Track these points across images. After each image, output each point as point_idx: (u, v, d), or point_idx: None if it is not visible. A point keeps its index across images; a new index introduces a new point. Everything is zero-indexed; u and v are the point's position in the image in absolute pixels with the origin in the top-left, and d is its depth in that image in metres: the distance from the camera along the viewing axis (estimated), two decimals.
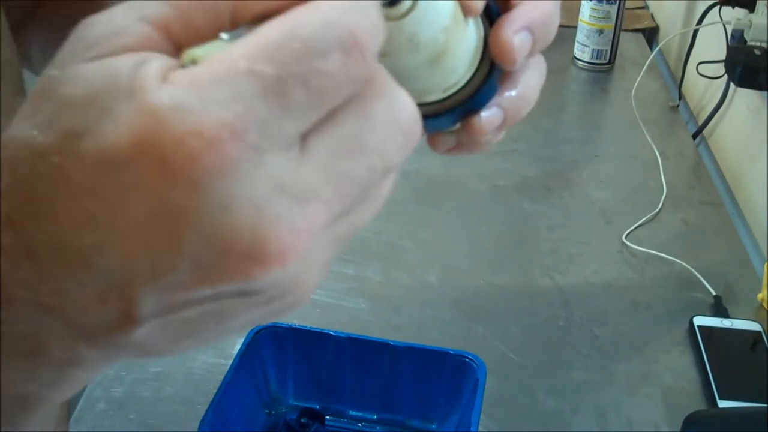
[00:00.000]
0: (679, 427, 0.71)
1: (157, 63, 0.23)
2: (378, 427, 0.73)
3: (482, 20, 0.36)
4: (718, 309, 0.88)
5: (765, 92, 1.11)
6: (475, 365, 0.68)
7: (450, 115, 0.36)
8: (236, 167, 0.22)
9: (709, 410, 0.75)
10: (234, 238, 0.22)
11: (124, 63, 0.23)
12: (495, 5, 0.36)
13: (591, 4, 1.39)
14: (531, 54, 0.35)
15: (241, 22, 0.24)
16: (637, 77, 1.36)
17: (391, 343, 0.71)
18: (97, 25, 0.24)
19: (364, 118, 0.25)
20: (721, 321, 0.86)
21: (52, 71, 0.24)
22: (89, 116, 0.22)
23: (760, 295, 0.90)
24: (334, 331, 0.72)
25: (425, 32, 0.32)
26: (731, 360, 0.82)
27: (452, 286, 0.92)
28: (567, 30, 1.50)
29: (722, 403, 0.76)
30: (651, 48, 1.56)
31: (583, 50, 1.43)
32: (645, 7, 1.73)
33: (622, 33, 1.44)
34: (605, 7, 1.39)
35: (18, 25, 0.54)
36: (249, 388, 0.70)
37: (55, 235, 0.22)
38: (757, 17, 1.12)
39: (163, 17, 0.24)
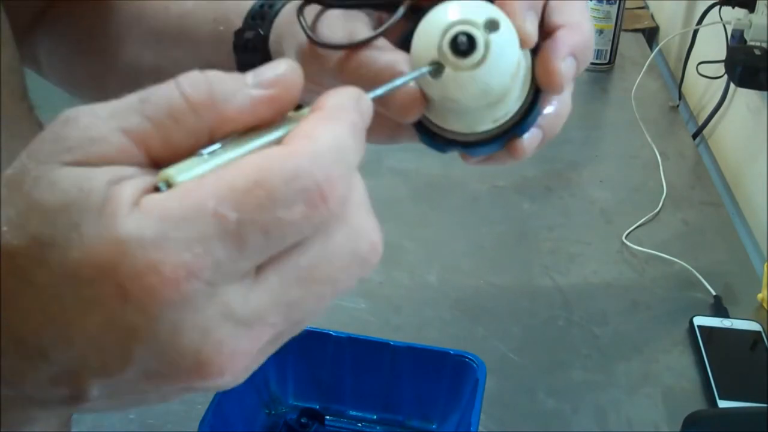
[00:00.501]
0: (679, 427, 0.71)
1: (131, 185, 0.24)
2: (378, 427, 0.73)
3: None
4: (718, 309, 0.88)
5: (765, 92, 1.11)
6: (475, 365, 0.68)
7: (498, 143, 0.37)
8: (188, 300, 0.23)
9: (709, 410, 0.75)
10: (179, 358, 0.24)
11: (99, 178, 0.24)
12: None
13: (591, 4, 1.39)
14: (574, 77, 0.36)
15: (219, 138, 0.25)
16: (637, 77, 1.36)
17: (391, 343, 0.71)
18: (79, 127, 0.25)
19: (322, 251, 0.26)
20: (721, 321, 0.86)
21: (29, 163, 0.25)
22: (58, 226, 0.23)
23: (760, 295, 0.90)
24: (334, 331, 0.72)
25: (496, 81, 0.33)
26: (731, 360, 0.82)
27: (452, 286, 0.92)
28: None
29: (722, 403, 0.76)
30: (651, 48, 1.56)
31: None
32: (645, 7, 1.73)
33: (622, 33, 1.44)
34: (605, 7, 1.39)
35: (27, 26, 0.54)
36: (249, 388, 0.70)
37: (16, 327, 0.24)
38: (757, 17, 1.11)
39: (142, 131, 0.25)
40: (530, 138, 0.37)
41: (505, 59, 0.33)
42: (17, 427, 0.27)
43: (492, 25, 0.32)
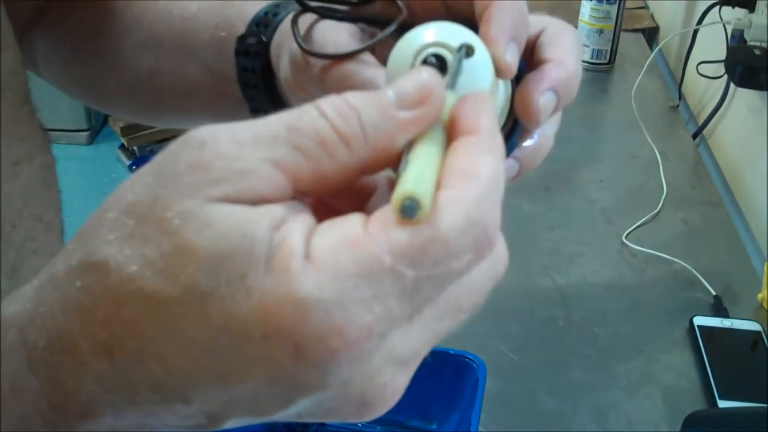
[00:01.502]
0: (679, 427, 0.71)
1: (296, 232, 0.23)
2: (378, 427, 0.73)
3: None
4: (718, 309, 0.88)
5: (765, 92, 1.11)
6: (475, 365, 0.68)
7: None
8: (365, 356, 0.23)
9: (709, 410, 0.75)
10: (344, 405, 0.25)
11: (260, 222, 0.23)
12: (521, 62, 0.36)
13: (591, 4, 1.39)
14: (554, 113, 0.36)
15: (369, 171, 0.25)
16: (637, 77, 1.36)
17: None
18: (222, 155, 0.23)
19: (472, 284, 0.26)
20: (721, 321, 0.86)
21: (163, 192, 0.23)
22: (218, 277, 0.22)
23: (760, 295, 0.90)
24: None
25: None
26: (731, 360, 0.82)
27: None
28: None
29: (722, 403, 0.76)
30: (651, 48, 1.56)
31: (583, 50, 1.43)
32: (645, 7, 1.73)
33: (622, 33, 1.44)
34: (605, 7, 1.39)
35: (25, 26, 0.54)
36: None
37: (158, 374, 0.23)
38: (757, 17, 1.11)
39: (294, 164, 0.24)
40: (507, 170, 0.37)
41: (475, 85, 0.32)
42: None
43: (467, 51, 0.32)
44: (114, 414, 0.24)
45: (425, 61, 0.32)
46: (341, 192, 0.26)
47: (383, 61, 0.38)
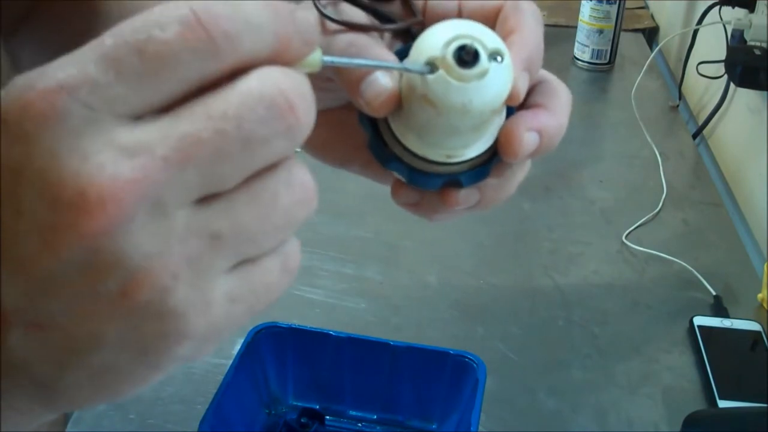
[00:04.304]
0: (679, 427, 0.71)
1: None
2: (378, 427, 0.73)
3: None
4: (718, 309, 0.88)
5: (765, 92, 1.11)
6: (475, 365, 0.68)
7: (440, 180, 0.37)
8: (64, 118, 0.22)
9: (709, 410, 0.75)
10: (60, 187, 0.22)
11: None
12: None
13: (591, 4, 1.39)
14: (532, 155, 0.36)
15: None
16: (637, 77, 1.36)
17: (391, 343, 0.71)
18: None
19: (225, 91, 0.24)
20: (721, 321, 0.86)
21: None
22: None
23: (760, 295, 0.90)
24: (334, 331, 0.72)
25: (479, 105, 0.33)
26: (731, 360, 0.82)
27: (452, 286, 0.92)
28: (567, 30, 1.50)
29: (722, 403, 0.76)
30: (651, 48, 1.56)
31: (583, 50, 1.43)
32: (645, 7, 1.73)
33: (622, 33, 1.44)
34: (605, 7, 1.39)
35: (10, 29, 0.54)
36: (249, 388, 0.70)
37: None
38: (757, 17, 1.11)
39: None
40: (467, 195, 0.37)
41: (495, 89, 0.33)
42: None
43: (497, 55, 0.33)
44: None
45: (462, 48, 0.32)
46: None
47: None
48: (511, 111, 0.37)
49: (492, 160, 0.37)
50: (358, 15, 0.39)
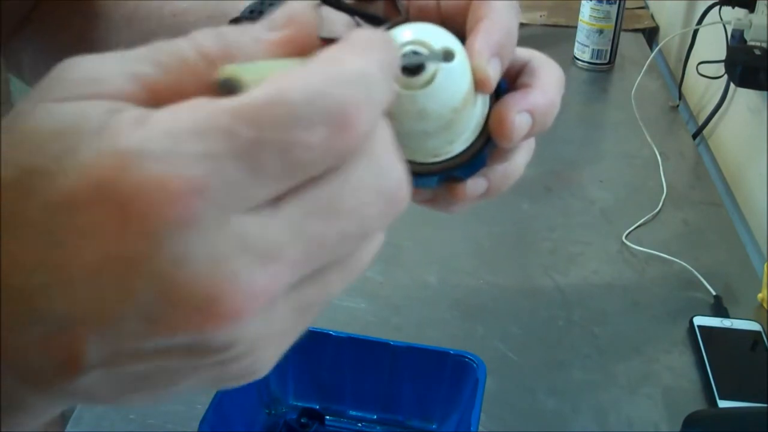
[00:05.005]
0: (679, 427, 0.71)
1: (136, 109, 0.22)
2: (378, 427, 0.73)
3: (490, 95, 0.36)
4: (718, 309, 0.88)
5: (765, 92, 1.11)
6: (475, 365, 0.68)
7: (435, 178, 0.37)
8: (197, 223, 0.21)
9: (709, 410, 0.75)
10: (187, 292, 0.21)
11: (97, 106, 0.22)
12: (504, 82, 0.36)
13: (591, 4, 1.39)
14: (527, 137, 0.36)
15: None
16: (637, 77, 1.36)
17: (391, 343, 0.71)
18: (81, 68, 0.23)
19: (345, 181, 0.23)
20: (721, 321, 0.86)
21: (23, 105, 0.22)
22: (50, 153, 0.21)
23: (760, 295, 0.90)
24: (334, 331, 0.72)
25: (436, 109, 0.33)
26: (731, 360, 0.82)
27: (452, 286, 0.92)
28: (567, 30, 1.50)
29: (722, 403, 0.76)
30: (651, 48, 1.56)
31: (583, 50, 1.43)
32: (645, 7, 1.73)
33: (622, 33, 1.44)
34: (605, 7, 1.39)
35: (11, 32, 0.54)
36: (249, 388, 0.70)
37: (7, 278, 0.21)
38: (757, 17, 1.11)
39: (151, 76, 0.23)
40: (473, 186, 0.37)
41: (449, 91, 0.33)
42: (5, 424, 0.24)
43: (447, 55, 0.33)
44: None
45: (404, 56, 0.32)
46: None
47: None
48: (502, 93, 0.37)
49: (487, 145, 0.36)
50: (340, 20, 0.38)
